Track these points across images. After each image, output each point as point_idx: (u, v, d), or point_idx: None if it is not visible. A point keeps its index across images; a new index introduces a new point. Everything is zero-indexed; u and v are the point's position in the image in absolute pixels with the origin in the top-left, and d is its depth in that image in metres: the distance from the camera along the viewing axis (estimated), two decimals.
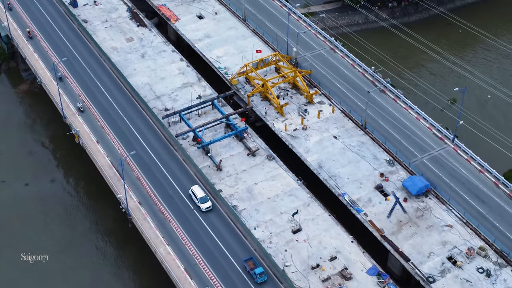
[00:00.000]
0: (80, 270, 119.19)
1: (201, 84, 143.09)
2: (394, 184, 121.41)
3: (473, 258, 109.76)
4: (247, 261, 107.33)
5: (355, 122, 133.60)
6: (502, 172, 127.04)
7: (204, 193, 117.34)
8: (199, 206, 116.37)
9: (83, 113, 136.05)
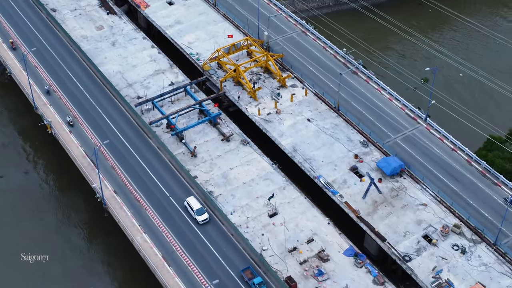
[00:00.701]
0: (56, 262, 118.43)
1: (173, 70, 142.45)
2: (369, 165, 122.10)
3: (448, 236, 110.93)
4: (244, 270, 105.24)
5: (328, 105, 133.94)
6: (474, 150, 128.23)
7: (200, 205, 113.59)
8: (195, 218, 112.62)
9: (55, 103, 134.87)
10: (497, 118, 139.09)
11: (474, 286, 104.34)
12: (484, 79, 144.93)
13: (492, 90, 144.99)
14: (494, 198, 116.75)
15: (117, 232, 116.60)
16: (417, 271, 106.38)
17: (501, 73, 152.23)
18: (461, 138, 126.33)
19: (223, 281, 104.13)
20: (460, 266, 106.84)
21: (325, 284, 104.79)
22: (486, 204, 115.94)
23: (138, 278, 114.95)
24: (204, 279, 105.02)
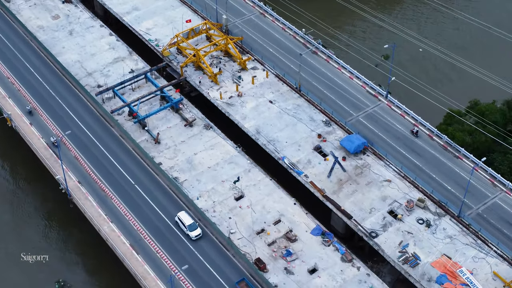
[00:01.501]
0: (22, 256, 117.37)
1: (133, 57, 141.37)
2: (332, 144, 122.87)
3: (413, 210, 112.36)
4: (239, 282, 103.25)
5: (290, 86, 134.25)
6: (435, 124, 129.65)
7: (193, 220, 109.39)
8: (187, 234, 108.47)
9: (13, 95, 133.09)
10: (456, 92, 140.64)
11: (440, 259, 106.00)
12: (443, 55, 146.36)
13: (451, 65, 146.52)
14: (456, 171, 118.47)
15: (83, 222, 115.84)
16: (384, 246, 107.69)
17: (459, 48, 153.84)
18: (422, 114, 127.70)
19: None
20: (426, 240, 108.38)
21: (294, 264, 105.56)
22: (448, 178, 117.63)
23: (107, 267, 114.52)
24: (173, 265, 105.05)
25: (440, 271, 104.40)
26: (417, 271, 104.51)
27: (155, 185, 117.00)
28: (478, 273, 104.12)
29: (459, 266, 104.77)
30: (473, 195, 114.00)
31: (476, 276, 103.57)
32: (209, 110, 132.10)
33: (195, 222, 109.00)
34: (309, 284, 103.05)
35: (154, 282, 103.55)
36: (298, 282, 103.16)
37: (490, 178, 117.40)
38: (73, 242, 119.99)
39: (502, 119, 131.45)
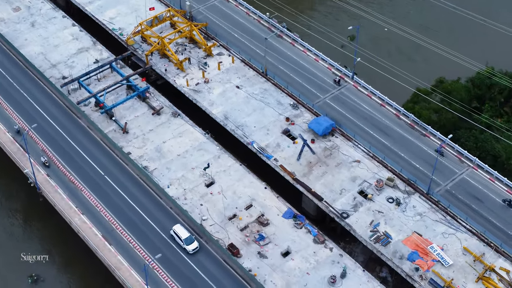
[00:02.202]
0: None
1: (97, 47, 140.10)
2: (300, 127, 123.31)
3: (383, 190, 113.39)
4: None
5: (256, 70, 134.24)
6: (401, 103, 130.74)
7: (189, 233, 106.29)
8: (184, 248, 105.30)
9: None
10: (422, 71, 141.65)
11: (411, 236, 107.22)
12: (407, 35, 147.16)
13: (416, 45, 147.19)
14: (424, 149, 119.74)
15: (54, 215, 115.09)
16: (355, 226, 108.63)
17: (423, 28, 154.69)
18: (388, 93, 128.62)
19: None
20: (396, 218, 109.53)
21: (267, 247, 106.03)
22: (416, 156, 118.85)
23: (80, 260, 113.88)
24: (147, 254, 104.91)
25: (411, 248, 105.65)
26: (389, 249, 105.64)
27: (125, 175, 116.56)
28: (448, 249, 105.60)
29: (429, 242, 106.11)
30: (441, 172, 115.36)
31: (447, 252, 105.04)
32: (176, 97, 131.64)
33: (192, 235, 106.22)
34: (282, 267, 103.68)
35: (128, 272, 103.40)
36: (272, 266, 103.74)
37: (457, 155, 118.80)
38: (45, 235, 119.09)
39: (467, 96, 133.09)
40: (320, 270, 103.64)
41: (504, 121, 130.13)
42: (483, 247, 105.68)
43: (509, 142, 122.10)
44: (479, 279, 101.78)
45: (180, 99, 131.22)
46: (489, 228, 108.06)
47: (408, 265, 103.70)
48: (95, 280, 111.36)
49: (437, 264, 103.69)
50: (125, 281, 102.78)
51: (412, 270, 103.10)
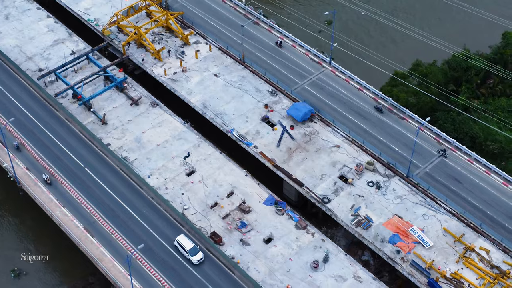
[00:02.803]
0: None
1: (73, 39, 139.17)
2: (279, 114, 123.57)
3: (363, 174, 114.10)
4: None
5: (234, 58, 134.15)
6: (379, 87, 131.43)
7: (193, 244, 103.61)
8: (189, 259, 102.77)
9: None
10: (398, 55, 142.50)
11: (392, 219, 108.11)
12: (383, 19, 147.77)
13: (392, 29, 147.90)
14: (402, 132, 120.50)
15: (35, 209, 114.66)
16: (337, 211, 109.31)
17: (399, 12, 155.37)
18: (366, 78, 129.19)
19: None
20: (377, 202, 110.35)
21: (249, 235, 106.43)
22: (395, 139, 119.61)
23: (62, 252, 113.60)
24: (129, 244, 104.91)
25: (393, 231, 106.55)
26: (370, 233, 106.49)
27: (105, 167, 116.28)
28: (429, 230, 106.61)
29: (410, 225, 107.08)
30: (420, 155, 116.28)
31: (427, 234, 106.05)
32: (154, 87, 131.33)
33: (196, 246, 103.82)
34: (265, 253, 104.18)
35: (111, 264, 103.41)
36: (255, 253, 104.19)
37: (435, 137, 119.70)
38: (26, 229, 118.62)
39: (444, 79, 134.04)
40: (303, 255, 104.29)
41: (480, 102, 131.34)
42: (463, 228, 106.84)
43: (486, 123, 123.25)
44: (459, 259, 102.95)
45: (158, 89, 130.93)
46: (468, 209, 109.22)
47: (389, 248, 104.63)
48: (79, 272, 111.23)
49: (418, 246, 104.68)
50: (108, 272, 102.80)
51: (393, 253, 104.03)
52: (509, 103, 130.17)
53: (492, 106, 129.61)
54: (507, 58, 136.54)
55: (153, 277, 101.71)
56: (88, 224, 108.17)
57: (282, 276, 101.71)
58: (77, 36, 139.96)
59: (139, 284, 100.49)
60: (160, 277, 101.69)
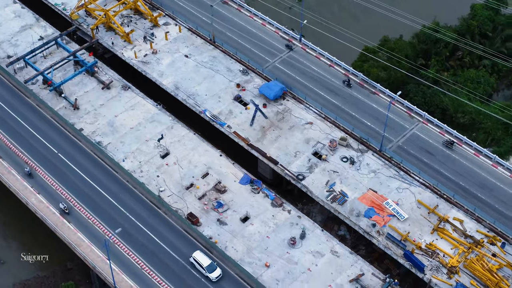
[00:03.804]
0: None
1: (41, 24, 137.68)
2: (252, 92, 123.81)
3: (336, 150, 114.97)
4: None
5: (204, 38, 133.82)
6: (350, 63, 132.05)
7: (210, 260, 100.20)
8: (207, 276, 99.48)
9: None
10: (368, 30, 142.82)
11: (366, 193, 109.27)
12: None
13: (359, 5, 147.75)
14: (374, 107, 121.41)
15: (9, 197, 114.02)
16: (312, 187, 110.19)
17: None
18: (336, 54, 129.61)
19: None
20: (351, 177, 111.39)
21: (226, 214, 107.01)
22: (367, 114, 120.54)
23: (40, 239, 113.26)
24: (107, 229, 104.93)
25: (368, 205, 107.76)
26: (345, 208, 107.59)
27: (79, 152, 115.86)
28: (403, 203, 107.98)
29: (384, 198, 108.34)
30: (392, 129, 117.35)
31: (402, 206, 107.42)
32: (125, 70, 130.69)
33: (213, 262, 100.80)
34: (243, 232, 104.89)
35: (89, 249, 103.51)
36: (232, 232, 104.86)
37: (407, 111, 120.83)
38: (1, 218, 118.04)
39: (413, 52, 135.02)
40: (280, 232, 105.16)
41: (450, 74, 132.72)
42: (436, 199, 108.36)
43: (456, 95, 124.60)
44: (434, 230, 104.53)
45: (129, 72, 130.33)
46: (441, 181, 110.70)
47: (365, 222, 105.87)
48: (57, 259, 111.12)
49: (393, 219, 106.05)
50: (86, 257, 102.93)
51: (369, 227, 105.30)
52: (478, 74, 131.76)
53: (461, 78, 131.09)
54: (474, 30, 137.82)
55: (132, 261, 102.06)
56: (63, 212, 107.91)
57: (260, 254, 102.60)
58: (45, 21, 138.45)
59: (118, 268, 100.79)
60: (139, 260, 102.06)
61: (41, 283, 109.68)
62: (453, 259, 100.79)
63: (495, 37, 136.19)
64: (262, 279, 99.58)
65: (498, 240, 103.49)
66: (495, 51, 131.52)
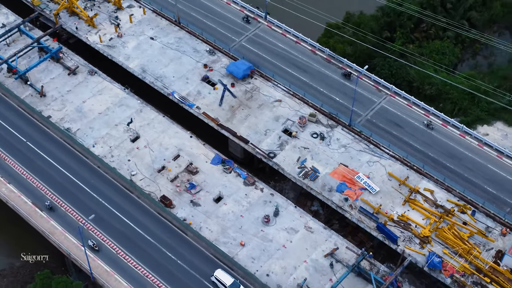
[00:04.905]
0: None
1: (2, 11, 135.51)
2: (219, 72, 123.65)
3: (306, 126, 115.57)
4: None
5: (169, 19, 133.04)
6: (315, 39, 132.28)
7: (233, 278, 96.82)
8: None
9: None
10: (333, 5, 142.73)
11: (338, 168, 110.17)
12: None
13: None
14: (342, 82, 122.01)
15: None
16: (283, 165, 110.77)
17: None
18: (301, 30, 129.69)
19: None
20: (322, 152, 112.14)
21: (199, 195, 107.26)
22: (335, 89, 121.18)
23: (12, 230, 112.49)
24: (80, 216, 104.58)
25: (339, 179, 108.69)
26: (317, 183, 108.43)
27: (48, 139, 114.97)
28: (374, 176, 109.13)
29: (356, 172, 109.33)
30: (360, 103, 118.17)
31: (373, 179, 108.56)
32: (90, 55, 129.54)
33: (236, 280, 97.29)
34: (216, 212, 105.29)
35: (63, 236, 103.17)
36: (206, 212, 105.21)
37: (374, 84, 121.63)
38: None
39: (377, 26, 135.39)
40: (253, 211, 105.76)
41: (415, 47, 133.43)
42: (406, 171, 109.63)
43: (422, 67, 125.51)
44: (405, 202, 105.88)
45: (95, 56, 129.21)
46: (410, 152, 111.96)
47: (337, 197, 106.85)
48: (31, 248, 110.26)
49: (365, 192, 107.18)
50: (61, 245, 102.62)
51: (341, 201, 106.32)
52: (442, 45, 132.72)
53: (427, 50, 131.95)
54: (436, 2, 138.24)
55: (107, 246, 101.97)
56: (36, 198, 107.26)
57: (235, 233, 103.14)
58: (6, 8, 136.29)
59: (93, 254, 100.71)
60: (114, 245, 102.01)
61: (16, 272, 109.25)
62: (425, 229, 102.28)
63: (458, 7, 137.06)
64: (238, 258, 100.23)
65: (468, 208, 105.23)
66: (458, 23, 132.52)
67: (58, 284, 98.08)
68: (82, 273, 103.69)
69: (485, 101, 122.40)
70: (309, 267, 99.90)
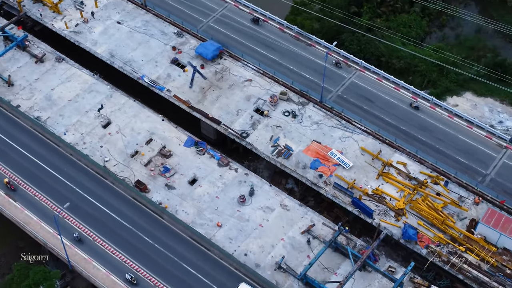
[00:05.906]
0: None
1: None
2: (188, 54, 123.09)
3: (277, 104, 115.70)
4: None
5: (135, 3, 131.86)
6: (283, 17, 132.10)
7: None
8: None
9: None
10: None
11: (311, 145, 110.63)
12: None
13: None
14: (311, 59, 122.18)
15: None
16: (256, 144, 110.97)
17: None
18: (269, 9, 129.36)
19: None
20: (294, 130, 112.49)
21: (174, 178, 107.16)
22: (305, 66, 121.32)
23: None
24: (55, 204, 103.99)
25: (313, 156, 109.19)
26: (291, 161, 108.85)
27: (18, 129, 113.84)
28: (347, 152, 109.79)
29: (329, 148, 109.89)
30: (331, 79, 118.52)
31: (346, 155, 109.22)
32: (57, 42, 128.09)
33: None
34: (192, 195, 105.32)
35: (38, 226, 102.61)
36: (181, 195, 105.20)
37: (343, 60, 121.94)
38: None
39: (344, 1, 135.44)
40: (229, 192, 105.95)
41: (383, 20, 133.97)
42: (379, 145, 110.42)
43: (390, 41, 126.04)
44: (379, 175, 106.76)
45: (62, 43, 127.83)
46: (382, 126, 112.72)
47: (312, 173, 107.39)
48: (7, 240, 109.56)
49: (338, 168, 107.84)
50: (37, 235, 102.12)
51: (316, 178, 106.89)
52: (409, 18, 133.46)
53: (394, 23, 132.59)
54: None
55: (83, 233, 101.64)
56: (9, 190, 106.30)
57: (211, 214, 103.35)
58: None
59: (69, 242, 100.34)
60: (91, 232, 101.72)
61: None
62: (399, 201, 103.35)
63: None
64: (215, 239, 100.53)
65: (441, 179, 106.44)
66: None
67: (36, 274, 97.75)
68: (60, 262, 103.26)
69: (454, 72, 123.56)
70: (286, 244, 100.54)
